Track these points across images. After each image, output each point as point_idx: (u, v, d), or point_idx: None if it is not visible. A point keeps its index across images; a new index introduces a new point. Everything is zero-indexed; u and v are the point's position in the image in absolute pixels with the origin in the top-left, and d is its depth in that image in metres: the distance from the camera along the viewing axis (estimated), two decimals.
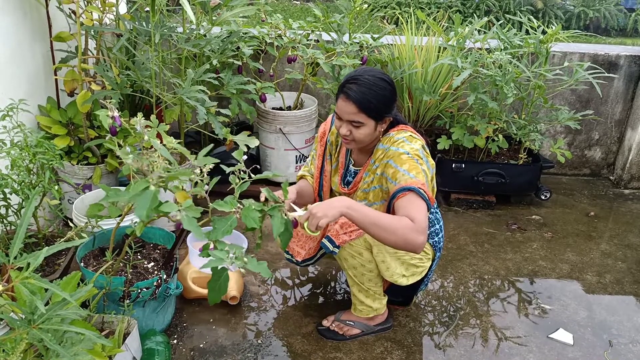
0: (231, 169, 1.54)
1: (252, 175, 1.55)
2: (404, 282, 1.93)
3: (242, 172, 1.54)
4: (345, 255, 1.92)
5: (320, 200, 2.08)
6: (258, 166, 3.25)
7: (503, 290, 2.44)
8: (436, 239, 1.99)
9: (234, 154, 1.56)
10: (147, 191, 1.34)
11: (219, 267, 1.39)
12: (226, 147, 2.73)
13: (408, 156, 1.76)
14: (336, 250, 1.90)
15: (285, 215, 1.56)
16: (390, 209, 1.80)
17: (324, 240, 1.91)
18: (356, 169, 1.98)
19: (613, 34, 9.01)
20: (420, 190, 1.70)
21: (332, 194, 2.09)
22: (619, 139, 3.56)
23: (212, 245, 1.41)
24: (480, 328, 2.18)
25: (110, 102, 1.79)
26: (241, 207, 1.48)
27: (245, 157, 1.56)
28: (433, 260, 2.01)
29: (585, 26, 8.82)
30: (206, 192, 1.49)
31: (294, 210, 1.69)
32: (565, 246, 2.82)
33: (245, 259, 1.37)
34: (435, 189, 1.92)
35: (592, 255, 2.74)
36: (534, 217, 3.09)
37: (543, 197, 3.20)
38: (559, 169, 3.63)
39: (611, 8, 9.00)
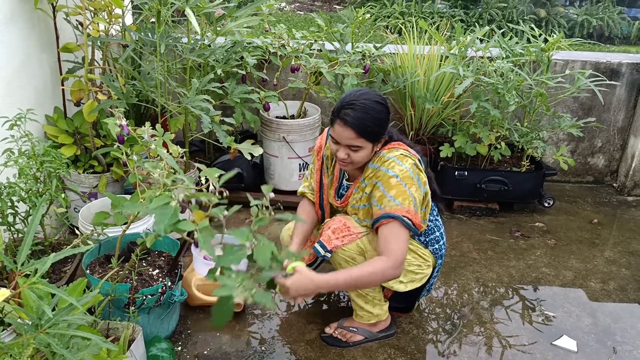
0: (255, 202, 1.50)
1: (272, 213, 1.53)
2: (402, 288, 1.94)
3: (265, 208, 1.50)
4: (339, 260, 1.93)
5: (322, 213, 2.10)
6: (280, 204, 3.25)
7: (506, 298, 2.44)
8: (437, 246, 1.99)
9: (262, 187, 1.51)
10: (168, 207, 1.35)
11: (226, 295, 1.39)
12: (230, 156, 2.75)
13: (397, 180, 1.76)
14: (328, 255, 1.92)
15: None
16: (373, 229, 1.86)
17: (316, 245, 1.93)
18: (349, 183, 2.00)
19: (617, 42, 9.02)
20: (404, 218, 1.75)
21: (330, 206, 2.11)
22: (621, 146, 3.57)
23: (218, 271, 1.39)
24: (484, 335, 2.18)
25: (117, 111, 1.82)
26: (255, 242, 1.43)
27: (272, 195, 1.50)
28: (434, 268, 2.02)
29: (589, 34, 8.85)
30: (224, 217, 1.47)
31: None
32: (569, 253, 2.81)
33: (253, 290, 1.33)
34: (430, 205, 1.93)
35: (595, 263, 2.74)
36: (537, 224, 3.10)
37: (546, 205, 3.21)
38: (562, 177, 3.64)
39: (615, 16, 9.03)
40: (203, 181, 1.56)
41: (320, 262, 2.04)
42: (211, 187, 1.50)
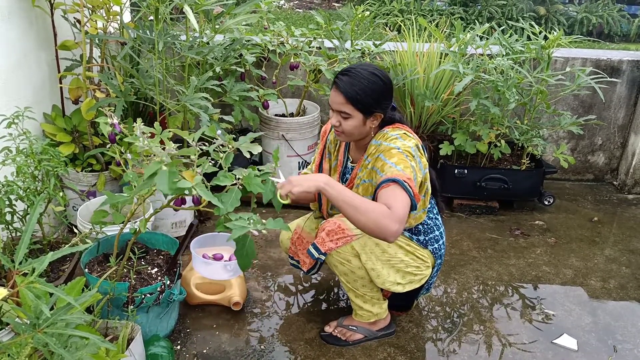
0: (211, 147, 1.60)
1: (231, 147, 1.59)
2: (400, 289, 1.92)
3: (222, 147, 1.59)
4: (334, 262, 1.92)
5: (319, 197, 2.09)
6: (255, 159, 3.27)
7: (506, 296, 2.43)
8: (436, 245, 1.98)
9: (207, 133, 1.61)
10: (162, 170, 1.44)
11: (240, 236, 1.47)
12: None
13: (398, 151, 1.76)
14: (322, 257, 1.91)
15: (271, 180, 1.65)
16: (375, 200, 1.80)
17: (310, 248, 1.92)
18: (353, 165, 2.00)
19: (616, 40, 9.01)
20: (405, 183, 1.68)
21: None
22: (622, 144, 3.56)
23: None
24: (484, 334, 2.18)
25: (110, 110, 1.80)
26: (240, 177, 1.55)
27: (219, 132, 1.61)
28: (433, 268, 2.00)
29: (589, 32, 8.83)
30: (201, 173, 1.55)
31: (278, 177, 1.72)
32: (569, 251, 2.81)
33: (264, 221, 1.47)
34: (430, 192, 1.92)
35: (595, 261, 2.73)
36: (537, 222, 3.09)
37: (546, 203, 3.20)
38: (562, 175, 3.63)
39: (614, 14, 9.01)
40: (191, 165, 1.58)
41: (319, 266, 2.03)
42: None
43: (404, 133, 1.84)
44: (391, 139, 1.81)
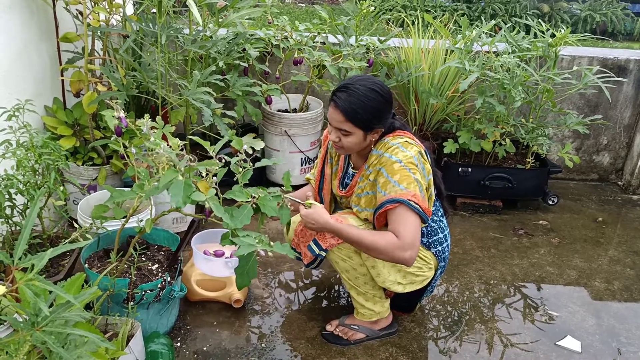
0: (234, 159, 1.58)
1: (252, 165, 1.59)
2: (400, 289, 1.89)
3: (243, 162, 1.57)
4: (336, 258, 1.91)
5: (321, 200, 2.09)
6: (258, 155, 3.24)
7: (509, 296, 2.41)
8: (439, 248, 1.95)
9: (232, 144, 1.59)
10: (178, 181, 1.41)
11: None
12: (232, 149, 2.71)
13: (400, 165, 1.72)
14: (322, 253, 1.89)
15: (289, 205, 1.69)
16: (374, 219, 1.80)
17: (311, 243, 1.90)
18: (354, 171, 1.97)
19: (620, 39, 8.96)
20: (410, 202, 1.68)
21: (332, 195, 2.08)
22: (627, 144, 3.53)
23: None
24: (486, 334, 2.16)
25: (116, 103, 1.78)
26: (255, 197, 1.54)
27: (245, 147, 1.59)
28: (436, 270, 1.98)
29: (592, 30, 8.78)
30: (216, 184, 1.53)
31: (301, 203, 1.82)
32: (573, 252, 2.79)
33: (271, 243, 1.45)
34: (433, 197, 1.88)
35: (600, 262, 2.71)
36: (541, 222, 3.07)
37: (550, 202, 3.17)
38: (567, 174, 3.60)
39: (618, 12, 8.96)
40: (204, 174, 1.55)
41: (320, 261, 2.00)
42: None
43: (406, 141, 1.79)
44: (393, 149, 1.76)
